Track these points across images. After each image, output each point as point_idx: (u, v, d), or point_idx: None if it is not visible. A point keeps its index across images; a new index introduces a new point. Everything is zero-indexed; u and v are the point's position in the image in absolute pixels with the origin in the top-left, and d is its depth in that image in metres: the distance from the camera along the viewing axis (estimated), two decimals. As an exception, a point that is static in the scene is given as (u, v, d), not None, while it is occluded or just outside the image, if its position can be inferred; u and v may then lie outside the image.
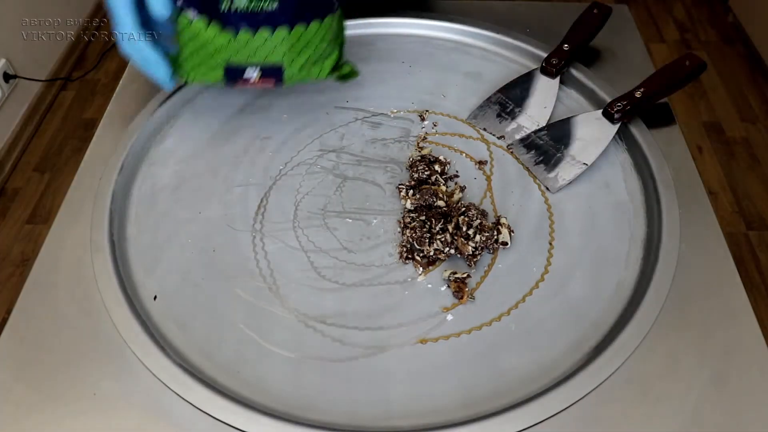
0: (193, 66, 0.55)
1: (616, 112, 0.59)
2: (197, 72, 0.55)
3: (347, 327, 0.48)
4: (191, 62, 0.54)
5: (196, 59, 0.54)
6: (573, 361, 0.45)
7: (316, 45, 0.55)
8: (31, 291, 0.50)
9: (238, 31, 0.52)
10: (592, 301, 0.49)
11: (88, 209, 0.54)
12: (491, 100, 0.65)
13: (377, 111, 0.65)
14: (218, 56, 0.53)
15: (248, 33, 0.52)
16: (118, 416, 0.43)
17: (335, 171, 0.59)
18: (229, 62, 0.54)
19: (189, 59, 0.54)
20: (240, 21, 0.51)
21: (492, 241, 0.51)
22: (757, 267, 1.32)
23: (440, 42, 0.72)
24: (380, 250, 0.53)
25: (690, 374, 0.44)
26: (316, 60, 0.55)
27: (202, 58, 0.54)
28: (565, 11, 0.74)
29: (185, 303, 0.49)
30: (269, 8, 0.51)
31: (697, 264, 0.50)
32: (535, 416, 0.41)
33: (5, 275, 1.33)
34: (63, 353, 0.46)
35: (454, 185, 0.57)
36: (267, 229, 0.54)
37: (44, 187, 1.51)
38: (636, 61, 0.70)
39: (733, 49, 1.86)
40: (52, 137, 1.63)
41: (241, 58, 0.53)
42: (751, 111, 1.66)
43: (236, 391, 0.44)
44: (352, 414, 0.43)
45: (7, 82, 1.50)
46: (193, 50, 0.54)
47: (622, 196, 0.56)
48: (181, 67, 0.55)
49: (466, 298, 0.49)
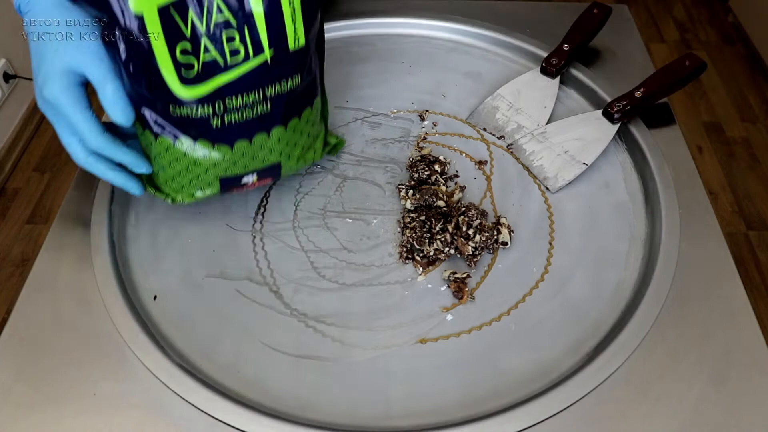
0: (179, 187, 0.50)
1: (616, 112, 0.59)
2: (186, 193, 0.51)
3: (347, 327, 0.48)
4: (177, 183, 0.50)
5: (183, 179, 0.49)
6: (573, 361, 0.45)
7: (309, 131, 0.52)
8: (31, 291, 0.50)
9: (234, 144, 0.48)
10: (592, 301, 0.49)
11: (88, 209, 0.54)
12: (491, 100, 0.65)
13: (377, 111, 0.65)
14: (212, 172, 0.49)
15: (244, 142, 0.48)
16: (118, 416, 0.43)
17: (335, 171, 0.59)
18: (224, 175, 0.50)
19: (173, 180, 0.50)
20: (235, 133, 0.47)
21: (492, 241, 0.51)
22: (757, 267, 1.32)
23: (440, 42, 0.72)
24: (380, 250, 0.53)
25: (690, 374, 0.44)
26: (309, 146, 0.53)
27: (190, 178, 0.49)
28: (565, 11, 0.74)
29: (185, 303, 0.49)
30: (263, 111, 0.47)
31: (697, 264, 0.50)
32: (535, 416, 0.41)
33: (5, 275, 1.33)
34: (63, 353, 0.46)
35: (454, 185, 0.57)
36: (267, 229, 0.54)
37: (44, 187, 1.51)
38: (636, 61, 0.70)
39: (733, 49, 1.86)
40: (52, 137, 1.63)
41: (237, 169, 0.49)
42: (751, 111, 1.66)
43: (236, 391, 0.44)
44: (352, 414, 0.43)
45: (7, 82, 1.50)
46: (178, 171, 0.49)
47: (622, 196, 0.56)
48: (162, 189, 0.51)
49: (466, 298, 0.49)
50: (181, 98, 0.44)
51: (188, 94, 0.44)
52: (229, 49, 0.43)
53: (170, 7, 0.41)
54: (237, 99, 0.45)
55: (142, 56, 0.43)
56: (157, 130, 0.47)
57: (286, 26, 0.45)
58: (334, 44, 0.72)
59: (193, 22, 0.42)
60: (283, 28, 0.45)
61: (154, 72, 0.43)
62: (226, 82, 0.44)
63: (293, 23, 0.45)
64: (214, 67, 0.44)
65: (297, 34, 0.45)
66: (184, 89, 0.44)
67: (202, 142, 0.47)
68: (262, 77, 0.45)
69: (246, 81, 0.45)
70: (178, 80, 0.44)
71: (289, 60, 0.46)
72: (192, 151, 0.48)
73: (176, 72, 0.43)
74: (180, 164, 0.48)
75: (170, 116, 0.46)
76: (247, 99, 0.46)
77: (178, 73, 0.43)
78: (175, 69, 0.43)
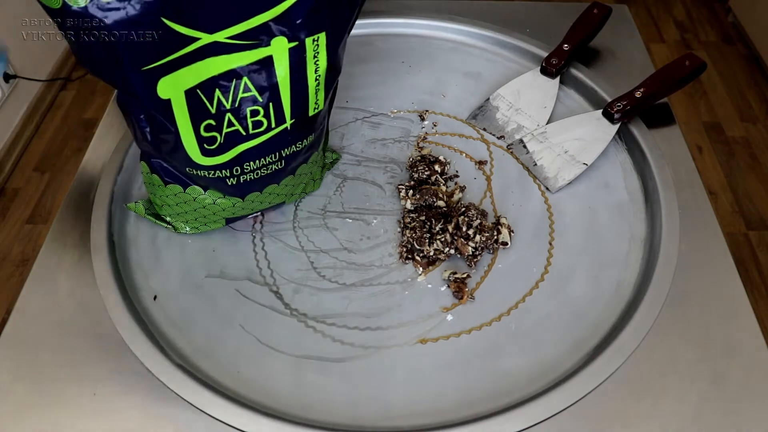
0: (184, 221, 0.52)
1: (616, 112, 0.59)
2: (190, 226, 0.52)
3: (347, 327, 0.48)
4: (182, 218, 0.51)
5: (188, 216, 0.51)
6: (573, 361, 0.45)
7: (312, 171, 0.53)
8: (31, 291, 0.49)
9: (245, 196, 0.49)
10: (592, 301, 0.49)
11: (88, 209, 0.54)
12: (491, 100, 0.65)
13: (377, 111, 0.64)
14: (220, 214, 0.50)
15: (256, 193, 0.49)
16: (118, 416, 0.43)
17: (335, 171, 0.59)
18: (231, 216, 0.51)
19: (179, 216, 0.51)
20: (248, 188, 0.48)
21: (492, 241, 0.51)
22: (757, 267, 1.32)
23: (440, 42, 0.72)
24: (380, 250, 0.53)
25: (690, 374, 0.44)
26: (310, 180, 0.54)
27: (196, 216, 0.51)
28: (565, 11, 0.74)
29: (185, 303, 0.49)
30: (277, 168, 0.48)
31: (697, 264, 0.50)
32: (535, 416, 0.41)
33: (5, 275, 1.33)
34: (63, 353, 0.46)
35: (454, 185, 0.57)
36: (267, 229, 0.54)
37: (44, 187, 1.51)
38: (636, 61, 0.70)
39: (733, 49, 1.86)
40: (52, 137, 1.63)
41: (245, 212, 0.51)
42: (751, 111, 1.66)
43: (236, 391, 0.44)
44: (352, 414, 0.43)
45: (7, 82, 1.50)
46: (185, 210, 0.50)
47: (622, 196, 0.56)
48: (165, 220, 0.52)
49: (466, 298, 0.49)
50: (201, 164, 0.45)
51: (208, 163, 0.45)
52: (252, 121, 0.44)
53: (197, 89, 0.41)
54: (255, 163, 0.46)
55: (165, 132, 0.43)
56: (167, 179, 0.48)
57: (309, 98, 0.45)
58: (334, 44, 0.72)
59: (219, 99, 0.42)
60: (306, 100, 0.45)
61: (175, 144, 0.43)
62: (245, 149, 0.45)
63: (316, 94, 0.45)
64: (236, 137, 0.44)
65: (318, 102, 0.46)
66: (204, 159, 0.45)
67: (213, 192, 0.48)
68: (280, 142, 0.46)
69: (265, 147, 0.46)
70: (199, 152, 0.44)
71: (307, 123, 0.47)
72: (202, 198, 0.49)
73: (198, 146, 0.44)
74: (187, 206, 0.50)
75: (185, 173, 0.47)
76: (263, 161, 0.47)
77: (200, 146, 0.44)
78: (197, 143, 0.43)
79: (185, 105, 0.41)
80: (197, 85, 0.41)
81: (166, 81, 0.40)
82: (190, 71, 0.40)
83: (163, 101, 0.40)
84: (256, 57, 0.41)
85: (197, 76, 0.40)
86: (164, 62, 0.39)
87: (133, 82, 0.39)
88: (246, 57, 0.41)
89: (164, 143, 0.44)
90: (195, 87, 0.41)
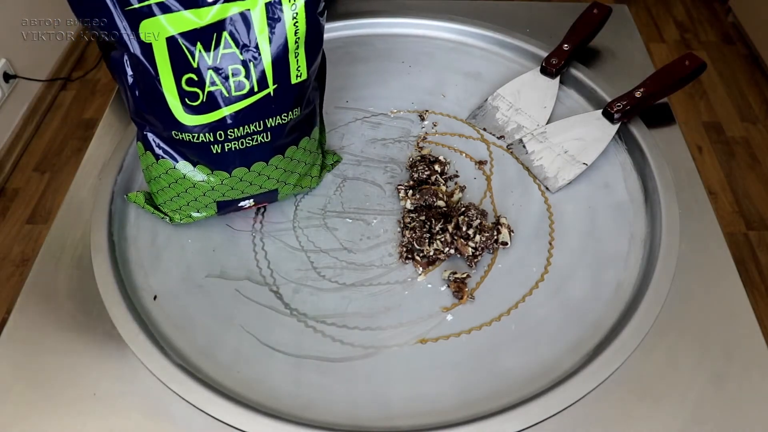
0: (177, 207, 0.52)
1: (616, 112, 0.59)
2: (183, 213, 0.52)
3: (347, 327, 0.48)
4: (176, 203, 0.51)
5: (181, 201, 0.51)
6: (573, 361, 0.45)
7: (306, 159, 0.53)
8: (31, 291, 0.49)
9: (232, 171, 0.49)
10: (592, 301, 0.49)
11: (88, 209, 0.54)
12: (491, 100, 0.65)
13: (377, 111, 0.64)
14: (210, 195, 0.50)
15: (243, 169, 0.49)
16: (118, 416, 0.43)
17: (335, 171, 0.59)
18: (221, 199, 0.51)
19: (172, 201, 0.51)
20: (234, 161, 0.48)
21: (492, 241, 0.51)
22: (757, 267, 1.32)
23: (440, 42, 0.72)
24: (380, 250, 0.53)
25: (690, 374, 0.44)
26: (305, 173, 0.54)
27: (188, 200, 0.51)
28: (565, 11, 0.74)
29: (185, 303, 0.49)
30: (263, 140, 0.48)
31: (697, 264, 0.50)
32: (535, 416, 0.41)
33: (5, 275, 1.33)
34: (63, 353, 0.46)
35: (454, 185, 0.57)
36: (267, 229, 0.54)
37: (44, 187, 1.51)
38: (636, 61, 0.70)
39: (733, 49, 1.86)
40: (52, 137, 1.63)
41: (234, 194, 0.51)
42: (751, 111, 1.66)
43: (236, 391, 0.44)
44: (352, 414, 0.43)
45: (7, 82, 1.50)
46: (177, 192, 0.50)
47: (622, 196, 0.56)
48: (161, 209, 0.53)
49: (466, 298, 0.49)
50: (184, 125, 0.45)
51: (191, 122, 0.45)
52: (234, 81, 0.44)
53: (178, 37, 0.43)
54: (239, 129, 0.47)
55: (148, 83, 0.44)
56: (158, 152, 0.48)
57: (290, 62, 0.46)
58: (334, 44, 0.72)
59: (201, 53, 0.43)
60: (287, 64, 0.46)
61: (159, 98, 0.44)
62: (229, 113, 0.45)
63: (296, 59, 0.46)
64: (218, 98, 0.45)
65: (300, 69, 0.47)
66: (187, 117, 0.45)
67: (201, 167, 0.49)
68: (264, 109, 0.46)
69: (249, 113, 0.46)
70: (182, 109, 0.45)
71: (291, 93, 0.47)
72: (191, 175, 0.49)
73: (181, 101, 0.44)
74: (179, 186, 0.50)
75: (172, 140, 0.47)
76: (248, 129, 0.47)
77: (182, 101, 0.45)
78: (179, 98, 0.44)
79: (167, 53, 0.43)
80: (179, 34, 0.42)
81: (147, 24, 0.42)
82: (170, 19, 0.42)
83: (146, 45, 0.42)
84: (236, 10, 0.43)
85: (177, 24, 0.42)
86: (145, 5, 0.41)
87: (117, 22, 0.42)
88: (224, 10, 0.42)
89: (149, 97, 0.45)
90: (176, 36, 0.42)
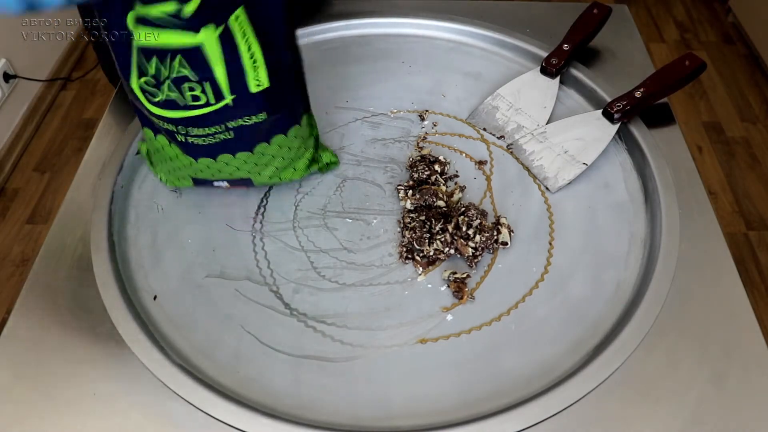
0: (164, 172, 0.55)
1: (616, 112, 0.59)
2: (169, 178, 0.55)
3: (347, 327, 0.48)
4: (162, 168, 0.55)
5: (165, 167, 0.54)
6: (573, 361, 0.45)
7: (283, 156, 0.52)
8: (31, 291, 0.50)
9: (198, 158, 0.50)
10: (592, 301, 0.49)
11: (88, 209, 0.54)
12: (491, 100, 0.65)
13: (377, 111, 0.64)
14: (184, 171, 0.52)
15: (208, 159, 0.50)
16: (118, 416, 0.43)
17: (335, 171, 0.59)
18: (195, 176, 0.53)
19: (160, 165, 0.55)
20: (198, 151, 0.49)
21: (492, 241, 0.51)
22: (757, 267, 1.32)
23: (440, 42, 0.72)
24: (380, 250, 0.53)
25: (690, 374, 0.44)
26: (285, 166, 0.54)
27: (170, 168, 0.54)
28: (565, 11, 0.74)
29: (185, 303, 0.49)
30: (226, 138, 0.48)
31: (697, 264, 0.50)
32: (535, 416, 0.41)
33: (5, 275, 1.33)
34: (63, 353, 0.46)
35: (454, 185, 0.57)
36: (267, 229, 0.54)
37: (44, 187, 1.51)
38: (636, 61, 0.70)
39: (733, 49, 1.86)
40: (52, 137, 1.63)
41: (205, 175, 0.52)
42: (751, 111, 1.66)
43: (236, 391, 0.44)
44: (352, 414, 0.43)
45: (7, 82, 1.50)
46: (161, 160, 0.54)
47: (622, 196, 0.56)
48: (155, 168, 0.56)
49: (466, 298, 0.49)
50: (151, 111, 0.46)
51: (155, 111, 0.46)
52: (190, 95, 0.44)
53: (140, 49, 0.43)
54: (199, 130, 0.47)
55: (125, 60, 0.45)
56: (143, 121, 0.50)
57: (247, 74, 0.45)
58: (333, 44, 0.72)
59: (157, 66, 0.43)
60: (243, 77, 0.45)
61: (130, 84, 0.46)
62: (187, 116, 0.46)
63: (255, 71, 0.45)
64: (175, 105, 0.45)
65: (259, 79, 0.45)
66: (151, 107, 0.46)
67: (174, 146, 0.50)
68: (223, 116, 0.46)
69: (207, 118, 0.46)
70: (145, 98, 0.46)
71: (252, 100, 0.46)
72: (168, 150, 0.51)
73: (143, 93, 0.45)
74: (161, 155, 0.52)
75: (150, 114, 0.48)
76: (209, 130, 0.47)
77: (144, 94, 0.45)
78: (141, 92, 0.45)
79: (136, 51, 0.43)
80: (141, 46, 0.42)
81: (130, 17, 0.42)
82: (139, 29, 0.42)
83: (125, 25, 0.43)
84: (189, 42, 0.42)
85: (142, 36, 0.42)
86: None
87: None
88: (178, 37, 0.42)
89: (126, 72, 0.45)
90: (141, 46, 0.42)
